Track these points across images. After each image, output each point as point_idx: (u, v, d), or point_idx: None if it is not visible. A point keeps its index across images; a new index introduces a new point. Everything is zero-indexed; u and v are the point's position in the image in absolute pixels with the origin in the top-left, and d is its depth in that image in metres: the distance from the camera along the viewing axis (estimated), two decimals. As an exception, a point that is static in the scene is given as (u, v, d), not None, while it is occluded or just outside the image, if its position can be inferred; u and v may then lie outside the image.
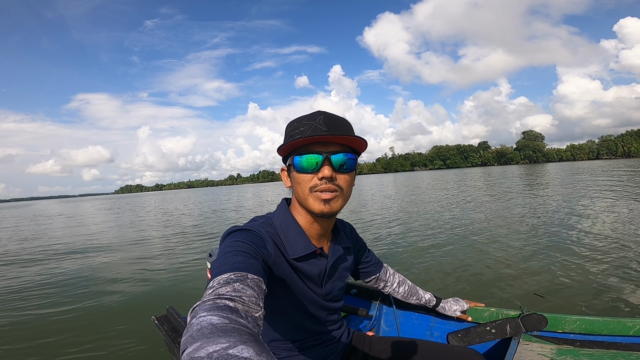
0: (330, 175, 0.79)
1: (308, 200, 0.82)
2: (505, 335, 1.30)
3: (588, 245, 4.64)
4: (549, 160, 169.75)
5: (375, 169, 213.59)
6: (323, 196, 0.80)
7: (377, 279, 1.24)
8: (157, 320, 1.58)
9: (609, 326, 1.20)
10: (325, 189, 0.80)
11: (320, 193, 0.80)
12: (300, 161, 0.80)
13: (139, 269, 5.16)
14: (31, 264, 6.04)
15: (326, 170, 0.78)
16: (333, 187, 0.80)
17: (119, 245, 7.60)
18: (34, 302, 3.81)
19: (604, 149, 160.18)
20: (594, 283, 3.31)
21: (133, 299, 3.78)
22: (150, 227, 11.20)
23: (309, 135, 0.78)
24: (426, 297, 1.32)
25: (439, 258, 4.61)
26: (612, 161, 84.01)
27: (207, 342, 0.38)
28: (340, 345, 1.05)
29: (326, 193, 0.80)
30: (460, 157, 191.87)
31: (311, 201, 0.82)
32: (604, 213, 7.00)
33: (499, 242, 5.24)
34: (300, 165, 0.80)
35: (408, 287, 1.29)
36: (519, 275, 3.71)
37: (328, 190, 0.80)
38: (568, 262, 3.96)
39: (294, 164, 0.82)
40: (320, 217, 0.85)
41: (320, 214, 0.82)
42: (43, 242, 8.97)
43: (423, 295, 1.31)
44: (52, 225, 14.02)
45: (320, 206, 0.81)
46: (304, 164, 0.80)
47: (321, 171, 0.79)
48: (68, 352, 2.60)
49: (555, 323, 1.26)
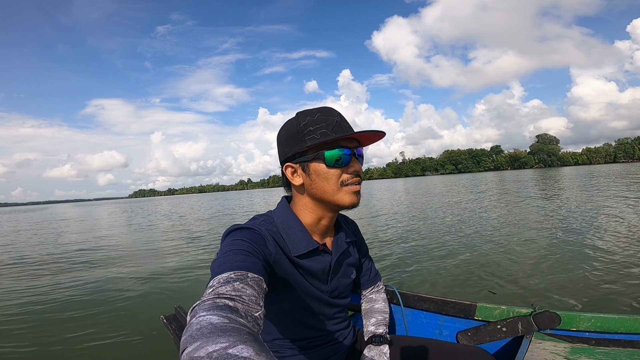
0: (360, 169, 0.85)
1: (338, 195, 0.83)
2: (516, 333, 1.26)
3: (603, 247, 4.50)
4: (564, 164, 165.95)
5: (385, 174, 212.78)
6: (356, 188, 0.85)
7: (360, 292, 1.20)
8: (165, 320, 1.58)
9: (625, 323, 1.15)
10: (356, 181, 0.84)
11: (353, 186, 0.84)
12: (333, 156, 0.81)
13: (149, 269, 5.23)
14: (46, 264, 6.18)
15: (357, 165, 0.84)
16: (360, 180, 0.86)
17: (130, 246, 7.73)
18: (44, 300, 3.89)
19: (621, 152, 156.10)
20: (607, 282, 3.25)
21: (142, 298, 3.82)
22: (161, 228, 11.35)
23: (336, 131, 0.81)
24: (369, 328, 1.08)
25: (450, 257, 4.55)
26: (629, 165, 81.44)
27: (207, 341, 0.38)
28: (347, 343, 1.04)
29: (357, 185, 0.85)
30: (472, 161, 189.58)
31: (342, 195, 0.83)
32: (619, 217, 6.79)
33: (513, 242, 5.15)
34: (332, 160, 0.81)
35: (368, 309, 1.16)
36: (531, 274, 3.67)
37: (358, 182, 0.85)
38: (583, 263, 3.86)
39: (324, 159, 0.81)
40: (350, 208, 0.87)
41: (352, 206, 0.85)
42: (58, 243, 9.19)
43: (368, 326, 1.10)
44: (68, 228, 14.37)
45: (353, 198, 0.84)
46: (336, 160, 0.81)
47: (352, 166, 0.83)
48: (77, 349, 2.64)
49: (568, 321, 1.22)
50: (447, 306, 1.45)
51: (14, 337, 2.94)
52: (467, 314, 1.40)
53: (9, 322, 3.29)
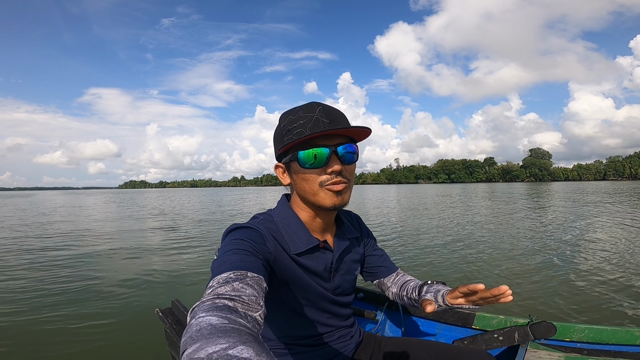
0: (340, 169, 0.77)
1: (318, 195, 0.80)
2: (512, 342, 1.31)
3: (595, 260, 4.62)
4: (554, 179, 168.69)
5: (379, 180, 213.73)
6: (335, 188, 0.78)
7: (380, 283, 1.10)
8: (161, 313, 1.55)
9: (616, 335, 1.21)
10: (336, 182, 0.78)
11: (332, 186, 0.78)
12: (306, 157, 0.77)
13: (146, 263, 5.19)
14: (35, 255, 6.09)
15: (336, 165, 0.77)
16: (344, 180, 0.79)
17: (126, 239, 7.65)
18: (37, 292, 3.84)
19: (611, 170, 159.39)
20: (600, 294, 3.36)
21: (139, 292, 3.79)
22: (157, 222, 11.24)
23: (313, 129, 0.75)
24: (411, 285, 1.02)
25: (449, 266, 4.62)
26: (618, 183, 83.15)
27: (207, 342, 0.38)
28: (353, 342, 1.03)
29: (338, 185, 0.78)
30: (465, 171, 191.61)
31: (322, 196, 0.80)
32: (609, 232, 6.95)
33: (507, 254, 5.24)
34: (306, 161, 0.77)
35: (401, 283, 1.06)
36: (528, 284, 3.76)
37: (339, 183, 0.79)
38: (575, 276, 3.98)
39: (298, 160, 0.78)
40: (332, 210, 0.82)
41: (333, 207, 0.80)
42: (49, 233, 9.04)
43: (410, 287, 1.02)
44: (58, 217, 14.13)
45: (333, 199, 0.79)
46: (311, 160, 0.76)
47: (330, 166, 0.77)
48: (72, 343, 2.60)
49: (563, 331, 1.27)
50: (445, 314, 1.49)
51: (6, 330, 2.89)
52: (465, 323, 1.45)
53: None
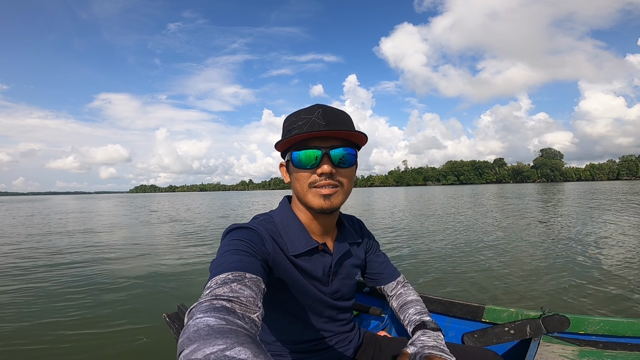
0: (330, 171, 0.76)
1: (307, 196, 0.80)
2: (524, 336, 1.27)
3: (608, 256, 4.53)
4: (566, 180, 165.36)
5: (387, 182, 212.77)
6: (323, 191, 0.78)
7: (381, 289, 1.10)
8: (168, 318, 1.55)
9: (632, 327, 1.16)
10: (325, 184, 0.78)
11: (320, 189, 0.78)
12: (299, 157, 0.77)
13: (151, 266, 5.23)
14: (45, 259, 6.19)
15: (325, 167, 0.76)
16: (333, 183, 0.78)
17: (132, 243, 7.75)
18: (45, 297, 3.87)
19: (625, 169, 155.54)
20: (615, 287, 3.34)
21: (145, 297, 3.79)
22: (164, 225, 11.36)
23: (307, 130, 0.75)
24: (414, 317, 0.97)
25: (459, 262, 4.55)
26: (632, 182, 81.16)
27: (204, 343, 0.38)
28: (353, 345, 1.01)
29: (326, 188, 0.78)
30: (474, 173, 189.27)
31: (310, 197, 0.80)
32: (621, 230, 6.78)
33: (520, 250, 5.15)
34: (298, 161, 0.78)
35: (402, 303, 1.03)
36: (540, 278, 3.76)
37: (328, 185, 0.78)
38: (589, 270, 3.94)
39: (292, 159, 0.79)
40: (320, 213, 0.82)
41: (320, 210, 0.80)
42: (58, 237, 9.20)
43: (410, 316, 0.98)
44: (68, 221, 14.38)
45: (320, 202, 0.79)
46: (303, 160, 0.77)
47: (320, 167, 0.77)
48: (79, 347, 2.57)
49: (577, 324, 1.23)
50: (454, 308, 1.46)
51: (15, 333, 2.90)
52: (475, 316, 1.41)
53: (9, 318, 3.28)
